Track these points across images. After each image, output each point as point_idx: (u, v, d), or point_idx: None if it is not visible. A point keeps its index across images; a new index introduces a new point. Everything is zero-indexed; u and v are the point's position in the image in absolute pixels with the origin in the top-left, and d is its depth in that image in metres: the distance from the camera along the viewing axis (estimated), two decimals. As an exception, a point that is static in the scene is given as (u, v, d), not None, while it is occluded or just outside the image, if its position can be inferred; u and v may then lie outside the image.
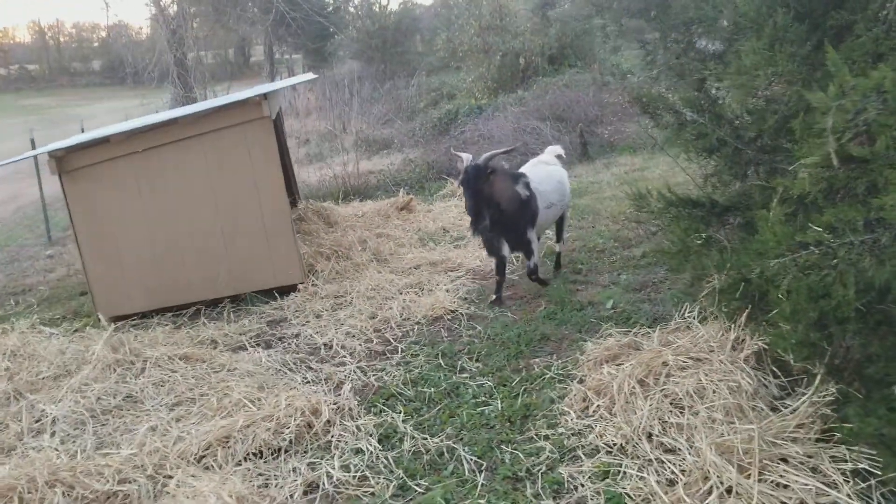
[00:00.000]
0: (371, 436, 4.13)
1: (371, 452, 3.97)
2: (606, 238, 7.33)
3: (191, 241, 6.47)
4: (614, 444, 3.70)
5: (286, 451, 4.04)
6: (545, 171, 6.12)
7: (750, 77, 3.57)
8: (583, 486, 3.47)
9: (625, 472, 3.47)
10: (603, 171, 10.87)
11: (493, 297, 5.96)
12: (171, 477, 3.78)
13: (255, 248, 6.54)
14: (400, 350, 5.31)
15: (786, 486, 3.05)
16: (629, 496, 3.30)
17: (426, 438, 4.06)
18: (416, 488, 3.64)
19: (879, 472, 2.96)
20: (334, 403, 4.48)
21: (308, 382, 4.86)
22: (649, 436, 3.67)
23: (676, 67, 5.40)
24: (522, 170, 6.05)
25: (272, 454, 4.02)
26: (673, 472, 3.38)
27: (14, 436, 4.41)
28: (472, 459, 3.81)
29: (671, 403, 3.82)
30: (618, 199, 8.59)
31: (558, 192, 6.10)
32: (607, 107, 13.64)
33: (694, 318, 4.53)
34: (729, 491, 3.15)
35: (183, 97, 20.03)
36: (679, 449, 3.50)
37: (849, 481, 3.00)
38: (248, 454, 3.99)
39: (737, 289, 3.96)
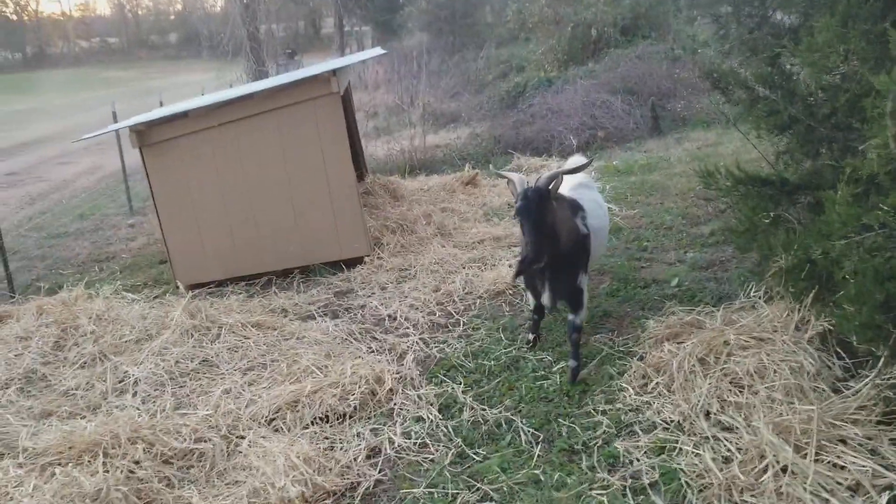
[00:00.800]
0: (432, 405, 4.26)
1: (431, 421, 4.11)
2: (675, 215, 7.24)
3: (263, 214, 6.71)
4: (671, 421, 3.73)
5: (350, 417, 4.21)
6: (597, 204, 4.89)
7: (822, 55, 3.49)
8: (638, 460, 3.52)
9: (681, 449, 3.50)
10: (674, 147, 10.69)
11: (531, 336, 4.97)
12: (243, 437, 3.99)
13: (323, 221, 6.73)
14: (462, 323, 5.42)
15: (842, 468, 3.03)
16: (683, 471, 3.34)
17: (485, 409, 4.17)
18: (474, 456, 3.76)
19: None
20: (397, 373, 4.63)
21: (372, 352, 5.02)
22: (707, 414, 3.68)
23: (749, 42, 5.30)
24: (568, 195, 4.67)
25: (337, 419, 4.19)
26: (729, 450, 3.39)
27: (99, 394, 4.70)
28: (529, 431, 3.90)
29: (731, 382, 3.82)
30: (688, 175, 8.45)
31: (605, 232, 5.03)
32: (680, 80, 13.31)
33: (759, 298, 4.48)
34: (784, 470, 3.14)
35: (256, 71, 20.45)
36: (736, 427, 3.50)
37: (909, 465, 2.97)
38: (315, 418, 4.17)
39: (803, 269, 3.92)
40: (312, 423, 4.15)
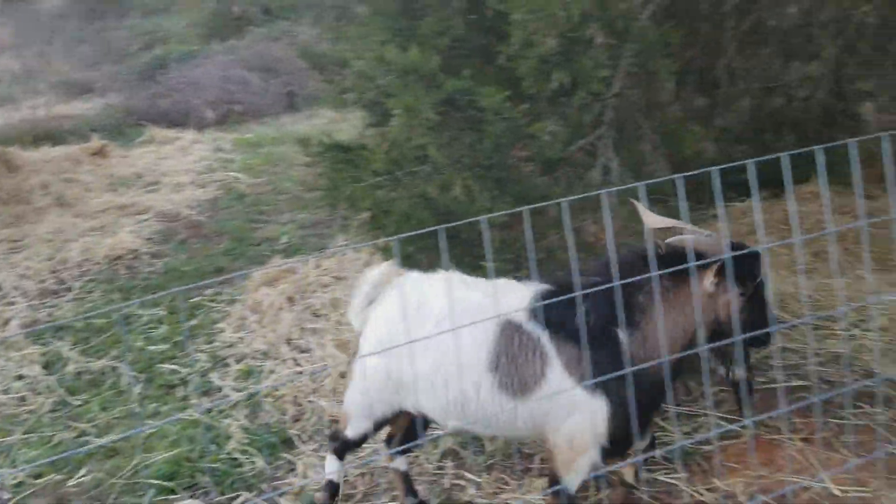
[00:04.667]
0: (35, 363, 4.37)
1: (34, 378, 4.23)
2: (295, 181, 7.90)
3: None
4: (259, 351, 4.32)
5: (-61, 386, 4.16)
6: None
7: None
8: (229, 385, 4.07)
9: (264, 371, 4.12)
10: (304, 122, 11.43)
11: None
12: None
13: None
14: (76, 288, 5.49)
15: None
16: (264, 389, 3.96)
17: (90, 361, 4.40)
18: (75, 402, 4.00)
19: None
20: (-2, 338, 4.63)
21: (-30, 323, 4.91)
22: (289, 340, 4.35)
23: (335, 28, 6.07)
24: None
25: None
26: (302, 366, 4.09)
27: None
28: (132, 375, 4.23)
29: (312, 314, 4.54)
30: (311, 147, 9.17)
31: None
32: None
33: (347, 246, 5.28)
34: (342, 375, 3.93)
35: None
36: (311, 348, 4.22)
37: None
38: None
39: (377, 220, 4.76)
40: None
